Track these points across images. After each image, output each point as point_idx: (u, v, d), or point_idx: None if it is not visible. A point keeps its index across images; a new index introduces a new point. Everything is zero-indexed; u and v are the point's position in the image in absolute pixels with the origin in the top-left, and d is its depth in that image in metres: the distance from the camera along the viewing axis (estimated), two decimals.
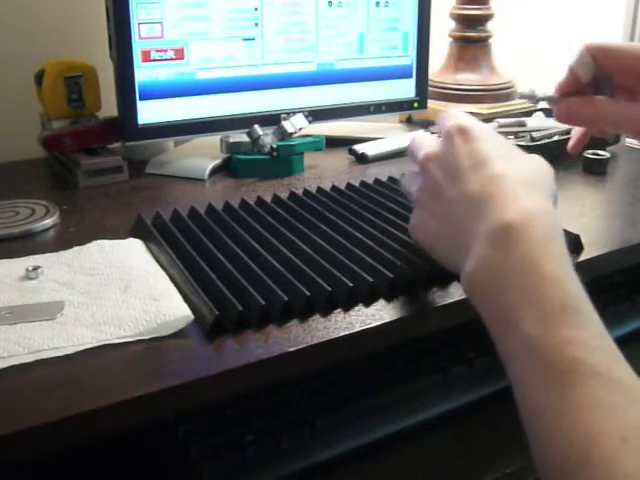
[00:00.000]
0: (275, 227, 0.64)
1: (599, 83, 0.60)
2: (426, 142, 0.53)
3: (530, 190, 0.45)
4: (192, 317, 0.50)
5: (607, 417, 0.35)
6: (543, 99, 0.64)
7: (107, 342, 0.48)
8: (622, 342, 0.40)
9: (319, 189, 0.75)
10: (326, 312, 0.53)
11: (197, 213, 0.68)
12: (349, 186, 0.76)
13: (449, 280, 0.57)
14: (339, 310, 0.53)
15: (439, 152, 0.51)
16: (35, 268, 0.57)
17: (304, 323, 0.51)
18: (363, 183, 0.76)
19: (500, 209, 0.44)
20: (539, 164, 0.50)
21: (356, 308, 0.54)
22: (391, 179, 0.78)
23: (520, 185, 0.45)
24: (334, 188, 0.75)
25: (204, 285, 0.53)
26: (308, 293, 0.52)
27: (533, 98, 0.65)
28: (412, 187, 0.54)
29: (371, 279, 0.55)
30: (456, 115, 0.52)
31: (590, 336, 0.38)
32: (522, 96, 0.67)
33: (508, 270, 0.41)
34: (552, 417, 0.36)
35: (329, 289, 0.53)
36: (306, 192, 0.74)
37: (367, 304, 0.54)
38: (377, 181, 0.77)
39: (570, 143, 0.67)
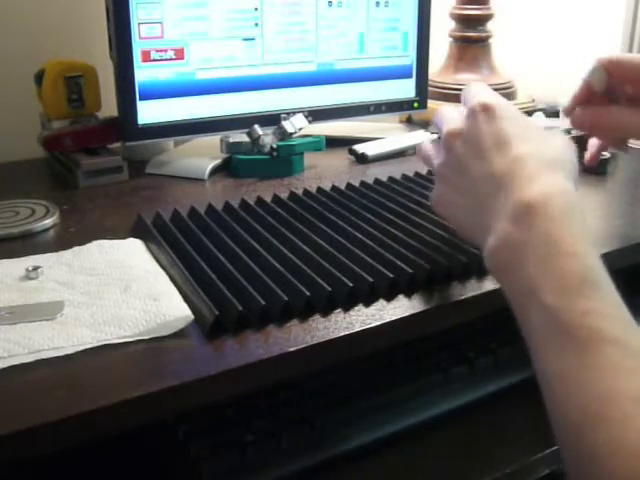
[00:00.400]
0: (275, 227, 0.64)
1: (614, 93, 0.62)
2: (450, 117, 0.55)
3: (551, 170, 0.47)
4: (192, 317, 0.50)
5: (622, 380, 0.36)
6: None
7: (107, 342, 0.48)
8: None
9: (319, 189, 0.75)
10: (326, 312, 0.53)
11: (197, 213, 0.68)
12: (349, 186, 0.76)
13: (449, 280, 0.57)
14: (339, 310, 0.53)
15: (463, 129, 0.52)
16: (35, 268, 0.57)
17: (304, 323, 0.51)
18: (363, 183, 0.76)
19: (521, 189, 0.45)
20: (561, 144, 0.51)
21: (356, 308, 0.54)
22: (391, 179, 0.78)
23: (542, 166, 0.47)
24: (334, 188, 0.75)
25: (204, 285, 0.53)
26: (308, 293, 0.52)
27: (552, 109, 0.68)
28: (434, 160, 0.56)
29: (371, 279, 0.55)
30: (480, 91, 0.53)
31: (607, 306, 0.39)
32: (540, 109, 0.70)
33: (528, 246, 0.43)
34: (570, 382, 0.38)
35: (329, 289, 0.53)
36: (306, 192, 0.74)
37: (367, 304, 0.54)
38: (377, 181, 0.77)
39: (586, 156, 0.70)
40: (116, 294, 0.53)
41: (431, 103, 1.04)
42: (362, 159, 0.92)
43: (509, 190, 0.46)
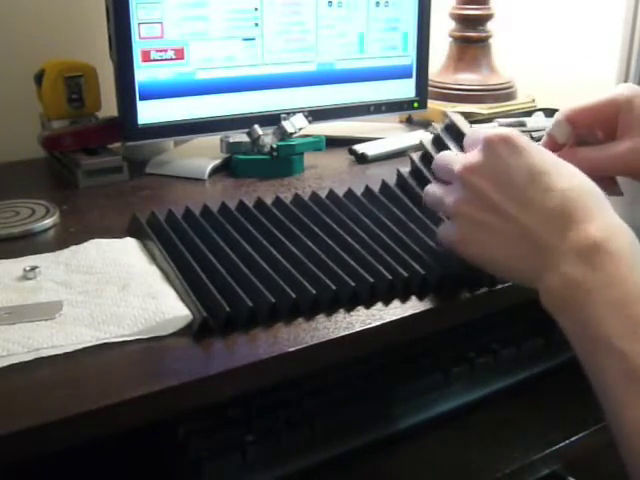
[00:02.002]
0: (269, 230, 0.63)
1: (583, 138, 0.62)
2: (461, 155, 0.52)
3: (601, 205, 0.45)
4: (191, 317, 0.50)
5: None
6: None
7: (106, 341, 0.48)
8: None
9: (313, 194, 0.72)
10: (327, 312, 0.53)
11: (192, 213, 0.67)
12: (348, 193, 0.74)
13: (448, 281, 0.57)
14: (339, 310, 0.53)
15: (482, 163, 0.49)
16: (33, 268, 0.57)
17: (304, 323, 0.51)
18: (366, 189, 0.74)
19: (581, 226, 0.44)
20: (581, 173, 0.48)
21: (356, 308, 0.54)
22: (401, 179, 0.76)
23: (590, 201, 0.45)
24: (330, 193, 0.73)
25: (216, 284, 0.53)
26: (314, 292, 0.52)
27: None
28: (447, 198, 0.51)
29: (372, 279, 0.55)
30: (489, 128, 0.53)
31: None
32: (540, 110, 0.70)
33: (596, 286, 0.41)
34: None
35: (334, 287, 0.53)
36: (312, 197, 0.71)
37: (367, 305, 0.54)
38: (383, 186, 0.75)
39: None
40: (114, 292, 0.53)
41: (431, 103, 1.04)
42: (362, 159, 0.92)
43: (568, 226, 0.44)
